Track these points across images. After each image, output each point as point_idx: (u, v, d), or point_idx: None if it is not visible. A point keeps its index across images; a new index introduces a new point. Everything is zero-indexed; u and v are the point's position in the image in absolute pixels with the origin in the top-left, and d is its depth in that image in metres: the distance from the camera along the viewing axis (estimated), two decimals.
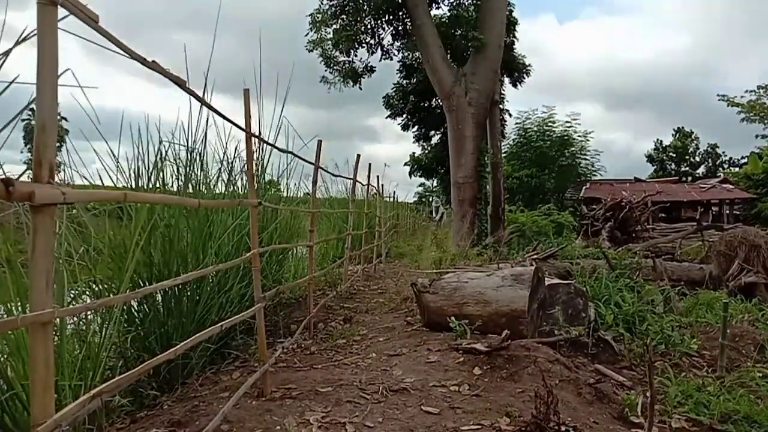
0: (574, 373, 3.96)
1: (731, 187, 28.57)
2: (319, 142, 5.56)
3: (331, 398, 3.39)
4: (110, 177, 4.16)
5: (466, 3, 17.13)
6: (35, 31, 1.37)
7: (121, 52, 1.67)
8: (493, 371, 3.80)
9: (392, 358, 4.31)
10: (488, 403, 3.31)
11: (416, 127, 22.96)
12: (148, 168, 4.40)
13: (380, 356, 4.40)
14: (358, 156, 8.72)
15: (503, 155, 15.52)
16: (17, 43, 1.84)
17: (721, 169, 50.38)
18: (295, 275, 7.19)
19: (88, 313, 3.46)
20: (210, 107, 2.91)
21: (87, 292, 3.81)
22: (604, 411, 3.49)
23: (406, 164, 34.21)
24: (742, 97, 23.35)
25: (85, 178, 3.94)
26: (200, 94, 3.79)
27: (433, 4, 16.55)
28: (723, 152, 53.11)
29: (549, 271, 6.54)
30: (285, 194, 7.26)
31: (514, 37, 19.11)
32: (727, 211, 27.98)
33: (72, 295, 3.56)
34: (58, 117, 1.45)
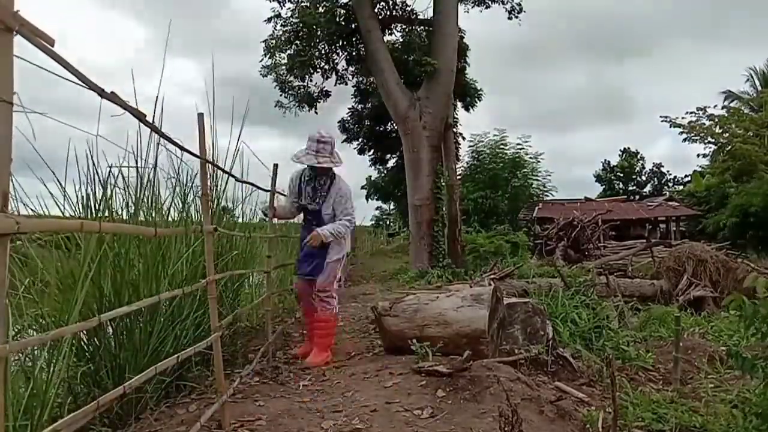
0: (536, 391, 3.99)
1: (677, 204, 29.84)
2: (275, 167, 5.52)
3: (292, 428, 3.31)
4: (57, 206, 4.00)
5: (419, 29, 17.41)
6: None
7: (78, 81, 1.60)
8: (456, 393, 3.79)
9: (354, 383, 4.26)
10: (452, 425, 3.29)
11: (372, 150, 23.07)
12: (96, 195, 4.24)
13: (341, 382, 4.34)
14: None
15: (458, 177, 15.76)
16: None
17: (666, 187, 52.32)
18: (252, 303, 7.04)
19: (35, 347, 3.30)
20: (170, 140, 2.85)
21: (34, 326, 3.63)
22: (566, 428, 3.52)
23: (362, 188, 34.32)
24: (683, 118, 24.47)
25: (31, 208, 3.77)
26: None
27: (386, 30, 16.78)
28: (668, 171, 55.28)
29: (507, 290, 6.62)
30: (240, 220, 7.13)
31: (466, 62, 19.51)
32: (674, 228, 29.15)
33: (16, 330, 3.39)
34: None
